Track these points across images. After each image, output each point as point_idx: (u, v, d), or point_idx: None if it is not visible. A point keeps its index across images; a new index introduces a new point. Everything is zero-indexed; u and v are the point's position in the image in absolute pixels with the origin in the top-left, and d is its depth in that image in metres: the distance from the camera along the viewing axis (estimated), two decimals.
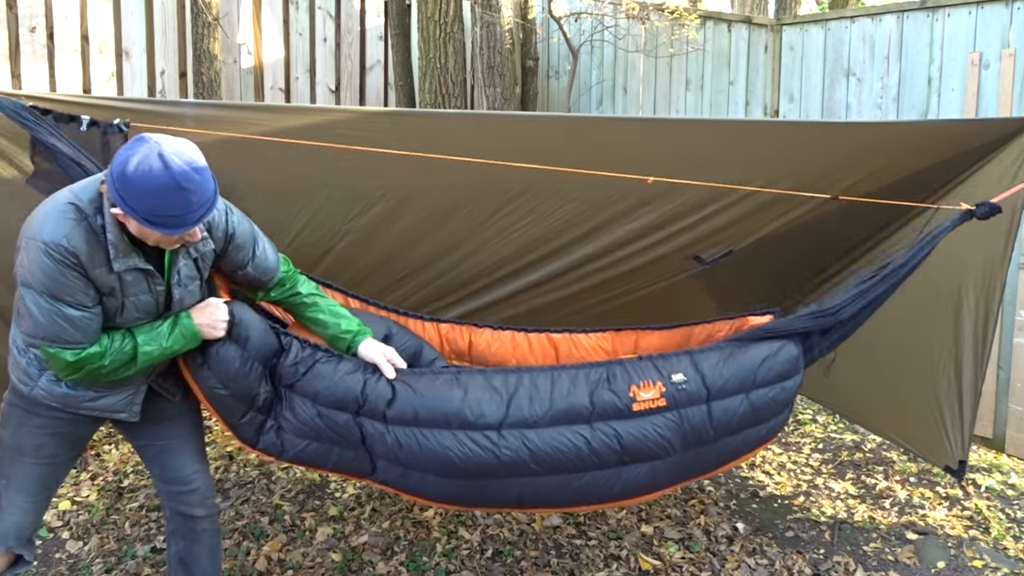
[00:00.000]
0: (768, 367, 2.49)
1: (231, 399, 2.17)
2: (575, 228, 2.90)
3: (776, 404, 2.54)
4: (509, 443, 2.26)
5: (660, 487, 2.50)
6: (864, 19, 4.53)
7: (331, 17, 6.10)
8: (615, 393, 2.36)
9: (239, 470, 3.63)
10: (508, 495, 2.35)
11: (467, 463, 2.25)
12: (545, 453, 2.28)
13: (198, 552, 2.23)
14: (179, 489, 2.20)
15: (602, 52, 6.12)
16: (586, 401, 2.34)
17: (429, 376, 2.39)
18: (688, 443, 2.41)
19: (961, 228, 2.72)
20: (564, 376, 2.40)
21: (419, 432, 2.25)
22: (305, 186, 2.61)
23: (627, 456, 2.34)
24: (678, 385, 2.39)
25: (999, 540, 3.14)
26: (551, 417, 2.30)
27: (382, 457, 2.29)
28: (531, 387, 2.36)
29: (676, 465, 2.43)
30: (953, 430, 3.08)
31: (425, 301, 3.08)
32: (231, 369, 2.13)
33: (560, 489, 2.34)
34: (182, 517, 2.21)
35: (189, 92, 5.35)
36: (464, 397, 2.30)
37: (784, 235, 2.97)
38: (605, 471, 2.35)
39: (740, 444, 2.53)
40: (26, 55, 4.86)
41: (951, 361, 3.03)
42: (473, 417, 2.26)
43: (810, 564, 2.95)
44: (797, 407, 4.63)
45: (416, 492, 2.35)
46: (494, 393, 2.32)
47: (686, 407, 2.39)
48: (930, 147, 2.76)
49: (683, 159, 2.68)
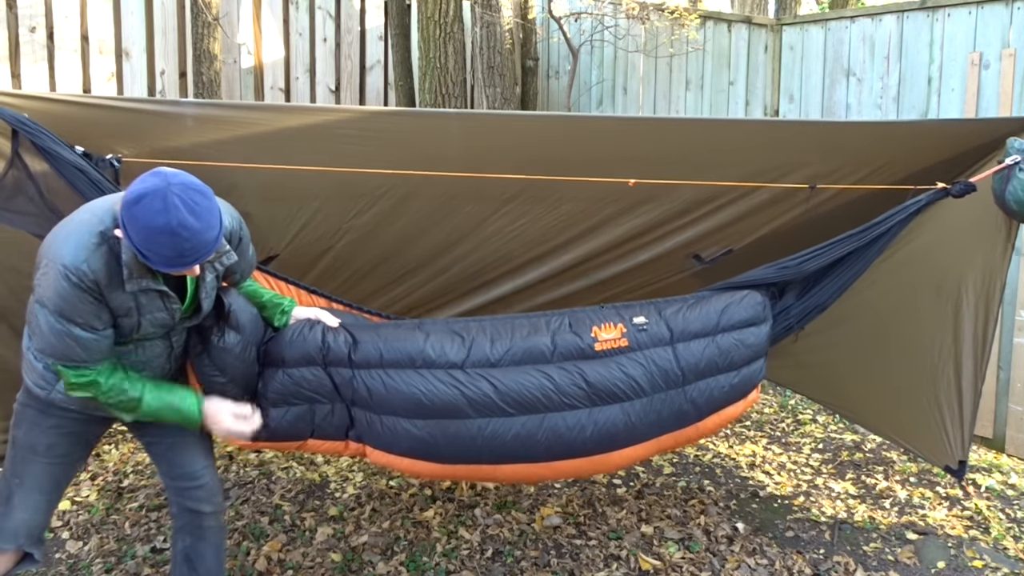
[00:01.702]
0: (732, 312, 2.56)
1: (229, 386, 2.20)
2: (574, 227, 2.91)
3: (745, 348, 2.57)
4: (473, 379, 2.33)
5: (639, 436, 2.50)
6: (864, 19, 4.53)
7: (331, 17, 6.10)
8: (576, 334, 2.42)
9: (239, 470, 3.63)
10: (479, 442, 2.35)
11: (433, 400, 2.30)
12: (510, 390, 2.33)
13: (203, 549, 2.24)
14: (187, 485, 2.21)
15: (602, 52, 6.12)
16: (548, 341, 2.40)
17: (392, 323, 2.48)
18: (655, 384, 2.45)
19: (961, 228, 2.73)
20: (525, 321, 2.47)
21: (384, 373, 2.31)
22: (305, 185, 2.61)
23: (594, 394, 2.39)
24: (639, 326, 2.45)
25: (999, 540, 3.14)
26: (512, 356, 2.37)
27: (357, 404, 2.33)
28: (492, 331, 2.43)
29: (649, 410, 2.45)
30: (953, 430, 3.08)
31: (423, 299, 3.09)
32: (230, 357, 2.16)
33: (533, 434, 2.36)
34: (189, 513, 2.22)
35: (189, 92, 5.35)
36: (427, 339, 2.37)
37: (784, 234, 2.97)
38: (575, 412, 2.38)
39: (716, 392, 2.55)
40: (26, 55, 4.87)
41: (951, 361, 3.02)
42: (435, 355, 2.34)
43: (810, 564, 2.95)
44: (797, 407, 4.63)
45: (392, 447, 2.37)
46: (455, 336, 2.40)
47: (649, 348, 2.45)
48: (930, 147, 2.76)
49: (683, 158, 2.69)
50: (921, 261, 2.96)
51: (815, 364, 3.44)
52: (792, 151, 2.74)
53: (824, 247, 2.59)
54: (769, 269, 2.63)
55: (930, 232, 2.90)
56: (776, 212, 2.92)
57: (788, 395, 4.75)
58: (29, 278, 1.88)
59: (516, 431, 2.36)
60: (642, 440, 2.52)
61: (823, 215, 2.88)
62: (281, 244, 2.78)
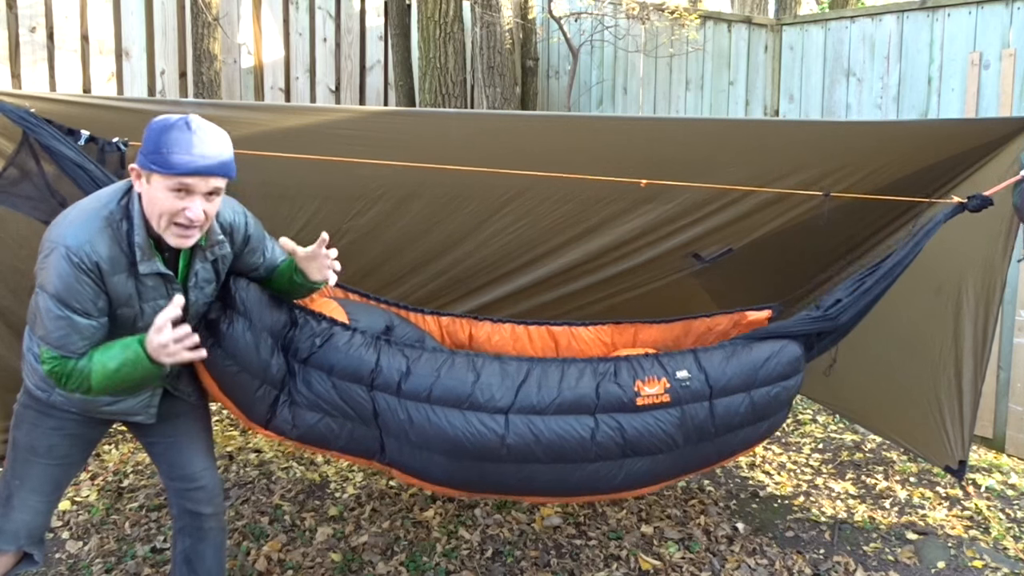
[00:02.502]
0: (770, 367, 2.52)
1: (243, 375, 2.19)
2: (575, 227, 2.91)
3: (777, 402, 2.57)
4: (516, 427, 2.31)
5: (660, 479, 2.54)
6: (864, 19, 4.53)
7: (331, 17, 6.10)
8: (620, 387, 2.40)
9: (239, 470, 3.63)
10: (512, 482, 2.38)
11: (474, 444, 2.29)
12: (550, 441, 2.33)
13: (203, 550, 2.24)
14: (187, 486, 2.20)
15: (602, 52, 6.12)
16: (592, 393, 2.39)
17: (447, 356, 2.44)
18: (690, 438, 2.45)
19: (962, 228, 2.72)
20: (573, 368, 2.45)
21: (430, 409, 2.30)
22: (305, 186, 2.61)
23: (630, 449, 2.39)
24: (682, 382, 2.43)
25: (999, 540, 3.14)
26: (558, 406, 2.35)
27: (392, 435, 2.32)
28: (541, 375, 2.41)
29: (677, 458, 2.47)
30: (953, 430, 3.08)
31: (424, 300, 3.09)
32: (241, 343, 2.15)
33: (564, 478, 2.39)
34: (189, 515, 2.22)
35: (189, 92, 5.36)
36: (477, 380, 2.35)
37: (784, 233, 2.97)
38: (608, 463, 2.40)
39: (739, 441, 2.57)
40: (26, 55, 4.87)
41: (951, 361, 3.02)
42: (484, 399, 2.32)
43: (810, 564, 2.95)
44: (797, 407, 4.63)
45: (422, 474, 2.38)
46: (505, 378, 2.38)
47: (689, 403, 2.43)
48: (930, 147, 2.76)
49: (682, 158, 2.69)
50: (921, 261, 2.96)
51: (815, 364, 3.44)
52: (793, 151, 2.74)
53: (857, 296, 2.53)
54: (806, 322, 2.58)
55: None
56: (776, 212, 2.92)
57: None
58: (31, 278, 1.87)
59: (549, 477, 2.38)
60: (663, 481, 2.58)
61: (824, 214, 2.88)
62: None
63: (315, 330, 2.29)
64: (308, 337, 2.27)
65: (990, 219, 2.69)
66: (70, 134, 2.23)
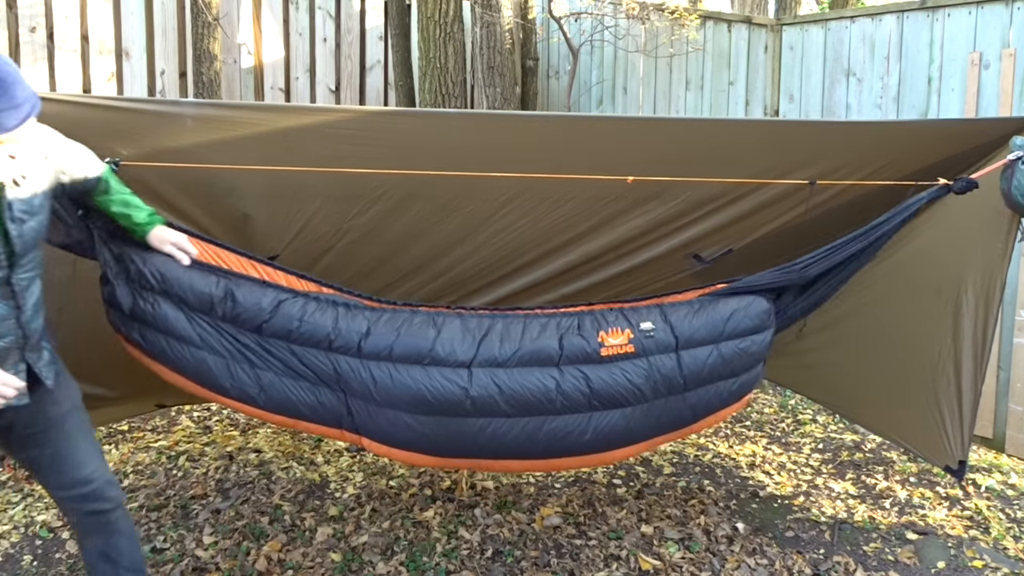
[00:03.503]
0: (737, 320, 2.55)
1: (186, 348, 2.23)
2: (574, 227, 2.91)
3: (747, 356, 2.58)
4: (479, 379, 2.34)
5: (635, 439, 2.53)
6: (864, 19, 4.53)
7: (331, 17, 6.10)
8: (584, 338, 2.43)
9: (239, 470, 3.63)
10: (480, 440, 2.38)
11: (438, 398, 2.32)
12: (514, 391, 2.34)
13: (118, 542, 2.15)
14: (82, 491, 2.09)
15: (602, 52, 6.12)
16: (555, 344, 2.41)
17: (407, 315, 2.46)
18: (658, 391, 2.46)
19: (962, 228, 2.72)
20: (535, 322, 2.48)
21: (392, 367, 2.33)
22: (305, 186, 2.61)
23: (596, 400, 2.40)
24: (646, 332, 2.46)
25: (999, 540, 3.14)
26: (520, 357, 2.38)
27: (357, 396, 2.34)
28: (503, 330, 2.44)
29: (648, 415, 2.48)
30: (953, 430, 3.08)
31: (423, 300, 3.08)
32: (172, 321, 2.21)
33: (532, 434, 2.38)
34: (92, 515, 2.12)
35: (189, 92, 5.36)
36: (438, 336, 2.38)
37: (785, 233, 2.97)
38: (575, 416, 2.40)
39: (712, 398, 2.57)
40: (26, 55, 4.87)
41: (951, 361, 3.02)
42: (444, 354, 2.35)
43: (810, 564, 2.95)
44: (797, 407, 4.63)
45: (390, 438, 2.38)
46: (467, 333, 2.41)
47: (655, 354, 2.45)
48: (930, 147, 2.76)
49: (681, 158, 2.69)
50: (921, 261, 2.96)
51: (815, 364, 3.44)
52: (792, 151, 2.74)
53: (827, 251, 2.58)
54: (773, 273, 2.62)
55: (930, 232, 2.90)
56: (776, 212, 2.92)
57: (788, 395, 4.75)
58: None
59: (516, 433, 2.38)
60: (637, 441, 2.56)
61: (823, 215, 2.88)
62: (281, 244, 2.78)
63: (261, 302, 2.32)
64: (254, 308, 2.30)
65: (990, 219, 2.69)
66: None
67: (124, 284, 2.26)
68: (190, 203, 2.60)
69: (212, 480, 3.52)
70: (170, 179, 2.49)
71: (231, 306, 2.31)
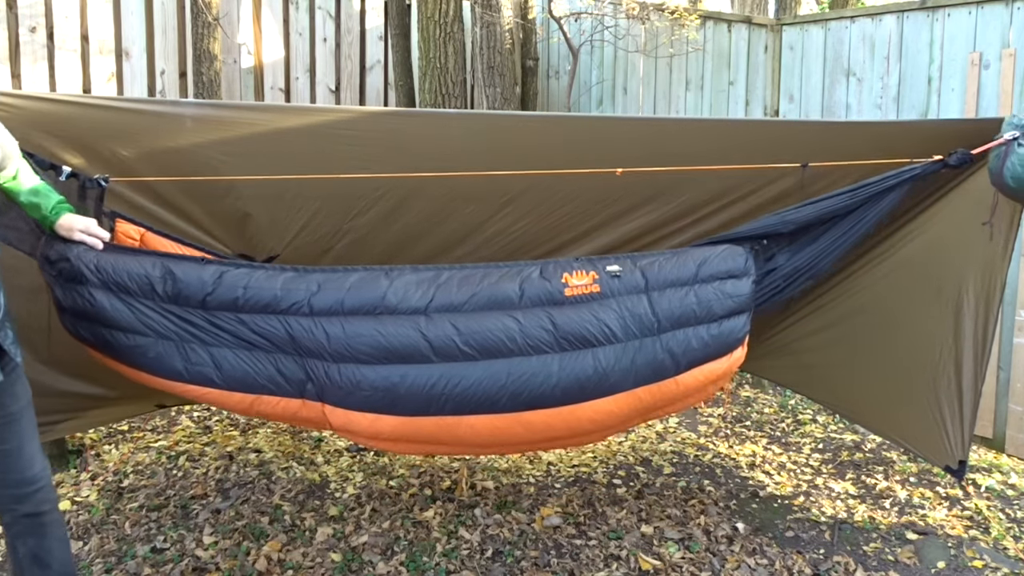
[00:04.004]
0: (712, 264, 2.50)
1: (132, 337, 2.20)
2: (575, 227, 2.91)
3: (726, 298, 2.49)
4: (435, 323, 2.25)
5: (613, 387, 2.38)
6: (864, 19, 4.53)
7: (331, 17, 6.10)
8: (546, 279, 2.35)
9: (239, 470, 3.63)
10: (442, 392, 2.27)
11: (392, 342, 2.24)
12: (473, 332, 2.25)
13: (50, 545, 2.13)
14: (25, 491, 2.07)
15: (602, 52, 6.11)
16: (515, 287, 2.32)
17: (360, 271, 2.40)
18: (628, 330, 2.36)
19: (962, 228, 2.72)
20: (496, 270, 2.39)
21: (344, 320, 2.27)
22: (306, 186, 2.61)
23: (563, 339, 2.30)
24: (612, 273, 2.38)
25: (999, 540, 3.14)
26: (477, 301, 2.29)
27: (314, 356, 2.28)
28: (461, 277, 2.36)
29: (622, 358, 2.36)
30: (953, 430, 3.08)
31: None
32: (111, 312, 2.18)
33: (496, 378, 2.27)
34: (28, 517, 2.09)
35: (189, 92, 5.35)
36: (390, 286, 2.31)
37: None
38: (542, 356, 2.29)
39: (693, 342, 2.46)
40: (26, 55, 4.86)
41: (951, 361, 3.02)
42: (396, 301, 2.28)
43: (810, 564, 2.95)
44: (797, 407, 4.63)
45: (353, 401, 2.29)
46: (421, 283, 2.33)
47: (623, 296, 2.37)
48: (929, 147, 2.76)
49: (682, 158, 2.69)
50: (922, 261, 2.96)
51: (815, 364, 3.44)
52: (792, 151, 2.74)
53: (810, 202, 2.53)
54: (752, 224, 2.58)
55: (930, 232, 2.90)
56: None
57: (788, 395, 4.75)
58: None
59: (478, 376, 2.27)
60: (615, 391, 2.40)
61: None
62: (281, 244, 2.78)
63: (202, 276, 2.27)
64: (196, 283, 2.26)
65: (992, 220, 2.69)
66: (52, 168, 2.23)
67: (59, 285, 2.22)
68: (190, 203, 2.60)
69: (212, 480, 3.52)
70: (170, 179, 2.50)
71: (171, 284, 2.25)
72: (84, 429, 3.63)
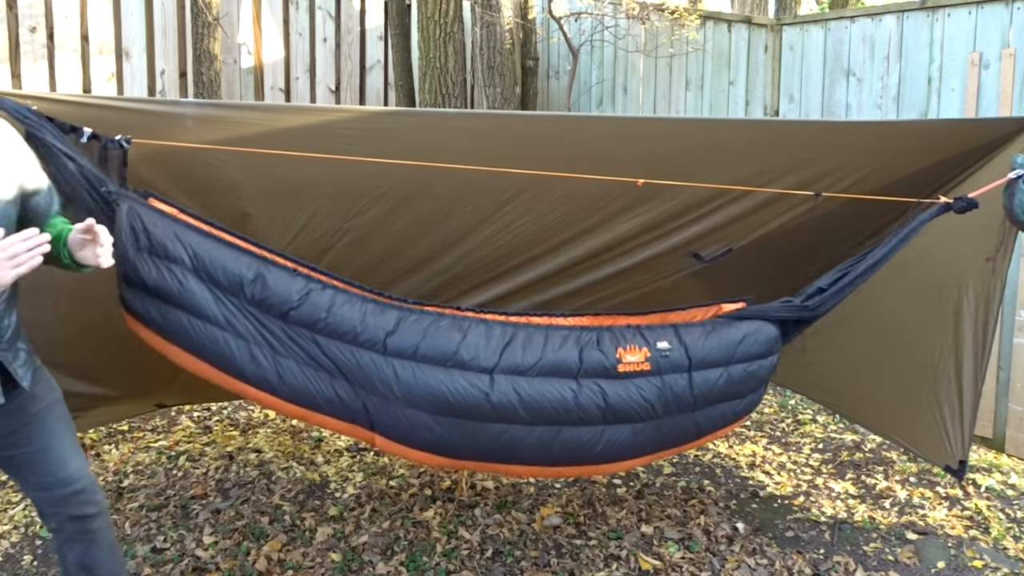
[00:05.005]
0: (748, 344, 2.61)
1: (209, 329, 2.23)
2: (574, 226, 2.91)
3: (753, 380, 2.65)
4: (500, 386, 2.38)
5: (641, 452, 2.60)
6: (864, 19, 4.53)
7: (331, 17, 6.10)
8: (603, 353, 2.49)
9: (239, 470, 3.63)
10: (496, 446, 2.42)
11: (458, 400, 2.34)
12: (533, 400, 2.39)
13: (97, 554, 2.07)
14: (64, 492, 2.01)
15: (602, 52, 6.12)
16: (576, 357, 2.46)
17: (434, 316, 2.50)
18: (669, 409, 2.52)
19: (962, 228, 2.72)
20: (556, 334, 2.53)
21: (415, 366, 2.36)
22: (304, 185, 2.61)
23: (610, 414, 2.46)
24: (662, 352, 2.52)
25: (999, 540, 3.14)
26: (541, 368, 2.42)
27: (378, 394, 2.36)
28: (526, 339, 2.48)
29: (656, 431, 2.54)
30: (953, 430, 3.08)
31: (423, 298, 3.08)
32: (199, 298, 2.21)
33: (547, 443, 2.44)
34: (74, 521, 2.03)
35: (189, 92, 5.36)
36: (463, 340, 2.41)
37: (785, 233, 2.97)
38: (589, 428, 2.46)
39: (718, 417, 2.65)
40: (26, 55, 4.87)
41: (951, 361, 3.02)
42: (468, 358, 2.38)
43: (810, 564, 2.95)
44: (797, 407, 4.63)
45: (407, 438, 2.40)
46: (491, 340, 2.45)
47: (669, 374, 2.51)
48: (929, 147, 2.76)
49: (681, 157, 2.69)
50: (922, 261, 2.96)
51: (815, 364, 3.44)
52: (792, 151, 2.74)
53: (836, 291, 2.60)
54: (788, 308, 2.66)
55: (931, 232, 2.90)
56: (777, 211, 2.92)
57: (788, 395, 4.75)
58: None
59: (532, 441, 2.43)
60: (642, 455, 2.63)
61: (824, 215, 2.88)
62: (281, 244, 2.77)
63: (290, 289, 2.32)
64: (283, 294, 2.30)
65: (990, 219, 2.69)
66: (72, 131, 2.23)
67: (148, 258, 2.20)
68: (190, 202, 2.60)
69: (212, 480, 3.52)
70: (170, 177, 2.49)
71: (260, 289, 2.30)
72: (84, 429, 3.63)
